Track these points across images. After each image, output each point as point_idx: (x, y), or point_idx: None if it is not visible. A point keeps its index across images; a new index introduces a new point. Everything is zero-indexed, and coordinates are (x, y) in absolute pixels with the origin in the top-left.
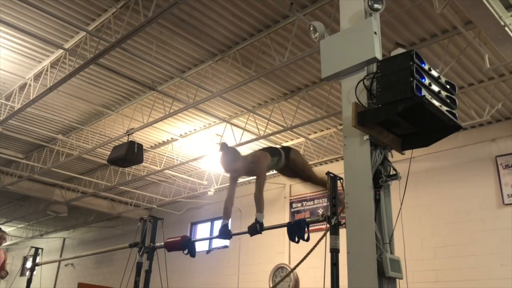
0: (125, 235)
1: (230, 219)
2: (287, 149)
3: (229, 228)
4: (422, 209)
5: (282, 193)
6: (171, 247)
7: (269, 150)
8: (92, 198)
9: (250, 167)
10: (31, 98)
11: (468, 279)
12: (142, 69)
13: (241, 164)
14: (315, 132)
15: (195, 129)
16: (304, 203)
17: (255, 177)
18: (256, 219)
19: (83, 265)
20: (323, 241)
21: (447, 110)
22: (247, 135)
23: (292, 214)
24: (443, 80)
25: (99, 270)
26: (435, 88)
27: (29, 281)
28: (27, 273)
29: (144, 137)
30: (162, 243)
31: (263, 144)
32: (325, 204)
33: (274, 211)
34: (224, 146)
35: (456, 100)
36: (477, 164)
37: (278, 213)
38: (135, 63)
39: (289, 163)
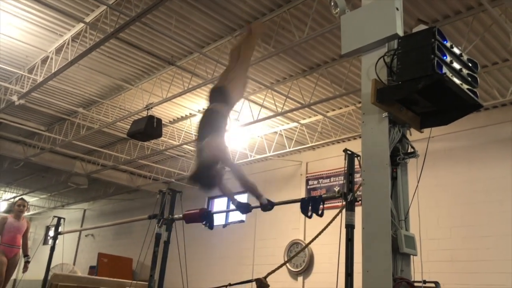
0: (144, 208)
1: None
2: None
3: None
4: (440, 189)
5: (299, 170)
6: (189, 219)
7: (222, 132)
8: (111, 171)
9: (218, 168)
10: (52, 72)
11: (483, 260)
12: (161, 44)
13: (218, 174)
14: (334, 110)
15: None
16: (320, 180)
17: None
18: (261, 203)
19: (103, 236)
20: (337, 219)
21: (468, 89)
22: (265, 112)
23: (308, 191)
24: (465, 58)
25: (118, 241)
26: (456, 66)
27: (52, 249)
28: (50, 241)
29: (163, 112)
30: (181, 215)
31: (280, 121)
32: (341, 182)
33: (290, 188)
34: (195, 179)
35: (478, 79)
36: (498, 145)
37: (294, 190)
38: (154, 38)
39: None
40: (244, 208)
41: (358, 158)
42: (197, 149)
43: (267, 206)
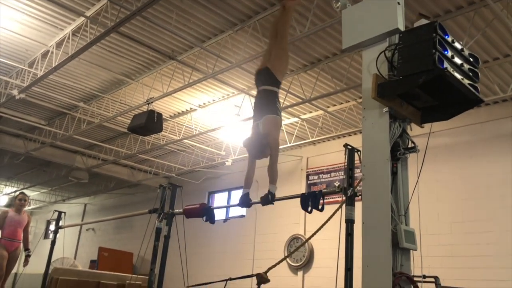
0: (144, 202)
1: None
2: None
3: (249, 197)
4: (440, 184)
5: (299, 165)
6: (189, 213)
7: (277, 110)
8: (112, 166)
9: (264, 143)
10: (53, 66)
11: (483, 255)
12: (162, 38)
13: (266, 147)
14: (334, 105)
15: (213, 100)
16: (320, 175)
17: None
18: (269, 190)
19: (104, 230)
20: (338, 213)
21: (469, 84)
22: None
23: (309, 186)
24: (466, 52)
25: (118, 236)
26: (457, 60)
27: (53, 243)
28: (51, 235)
29: (164, 107)
30: (181, 210)
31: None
32: (342, 177)
33: (291, 183)
34: (247, 146)
35: (479, 74)
36: (499, 140)
37: (294, 185)
38: (155, 32)
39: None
40: (245, 202)
41: (359, 153)
42: (254, 125)
43: (268, 199)
